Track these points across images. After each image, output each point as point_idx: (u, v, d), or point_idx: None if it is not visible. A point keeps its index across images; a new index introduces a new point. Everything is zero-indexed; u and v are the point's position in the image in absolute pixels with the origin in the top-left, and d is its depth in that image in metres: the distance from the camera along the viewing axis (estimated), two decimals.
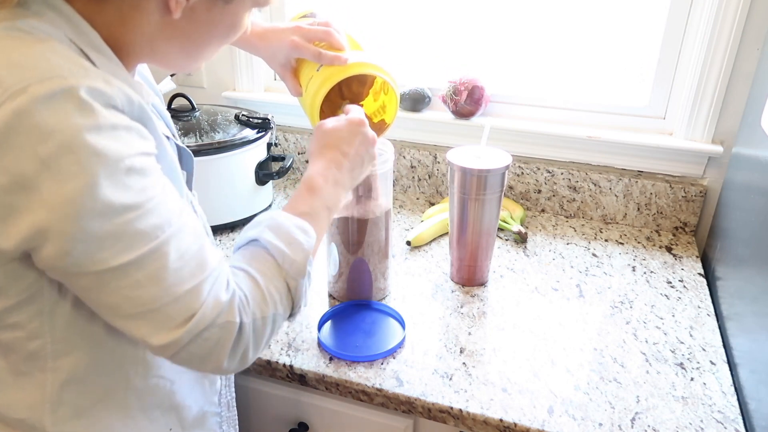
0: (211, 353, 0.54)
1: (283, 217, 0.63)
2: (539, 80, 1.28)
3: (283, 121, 1.41)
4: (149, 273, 0.49)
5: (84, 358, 0.57)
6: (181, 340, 0.52)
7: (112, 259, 0.48)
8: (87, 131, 0.45)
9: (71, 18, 0.51)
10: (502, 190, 0.95)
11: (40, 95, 0.44)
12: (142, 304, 0.50)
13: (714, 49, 1.07)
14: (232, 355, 0.56)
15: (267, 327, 0.59)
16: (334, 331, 0.90)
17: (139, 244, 0.48)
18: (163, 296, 0.50)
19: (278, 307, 0.59)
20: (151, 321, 0.51)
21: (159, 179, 0.51)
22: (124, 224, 0.47)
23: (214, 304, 0.53)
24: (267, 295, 0.58)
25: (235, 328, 0.55)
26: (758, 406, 0.73)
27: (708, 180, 1.19)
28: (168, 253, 0.50)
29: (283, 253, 0.60)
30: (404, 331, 0.89)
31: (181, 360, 0.54)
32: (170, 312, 0.51)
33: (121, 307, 0.50)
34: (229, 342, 0.54)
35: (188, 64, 0.62)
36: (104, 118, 0.46)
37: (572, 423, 0.74)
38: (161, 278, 0.50)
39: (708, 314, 0.96)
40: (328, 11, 1.22)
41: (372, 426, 0.86)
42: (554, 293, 1.01)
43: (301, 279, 0.62)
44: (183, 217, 0.53)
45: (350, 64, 0.78)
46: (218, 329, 0.53)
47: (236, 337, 0.55)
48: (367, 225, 0.90)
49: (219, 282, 0.54)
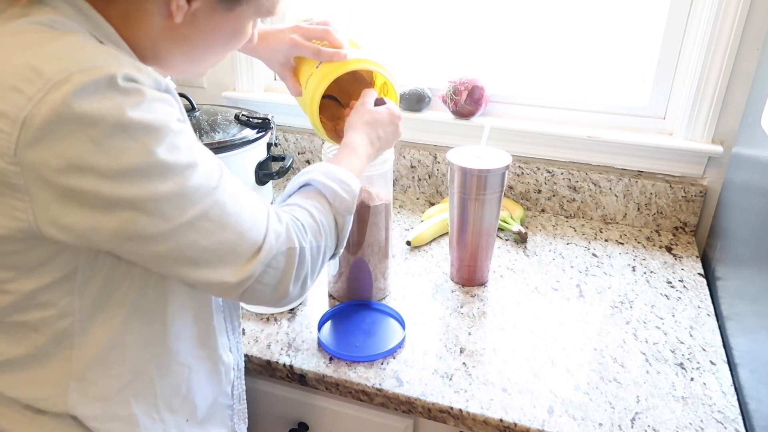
0: (280, 281, 0.60)
1: (331, 166, 0.70)
2: (539, 80, 1.28)
3: (283, 121, 1.41)
4: (216, 220, 0.54)
5: (109, 337, 0.58)
6: (254, 272, 0.57)
7: (182, 215, 0.52)
8: (131, 109, 0.48)
9: (88, 13, 0.53)
10: (502, 190, 0.95)
11: (84, 83, 0.46)
12: (216, 250, 0.54)
13: (714, 49, 1.07)
14: (296, 281, 0.61)
15: (320, 256, 0.65)
16: (334, 331, 0.90)
17: (200, 197, 0.53)
18: (232, 237, 0.55)
19: (328, 239, 0.66)
20: (226, 262, 0.55)
21: (193, 137, 0.55)
22: (184, 180, 0.51)
23: (275, 234, 0.58)
24: (320, 227, 0.64)
25: (296, 254, 0.60)
26: (758, 406, 0.73)
27: (708, 180, 1.19)
28: (225, 199, 0.55)
29: (334, 192, 0.67)
30: (404, 331, 0.89)
31: (254, 293, 0.59)
32: (241, 250, 0.56)
33: (198, 258, 0.54)
34: (293, 267, 0.60)
35: (190, 69, 0.64)
36: (142, 95, 0.49)
37: (572, 423, 0.74)
38: (226, 222, 0.54)
39: (708, 314, 0.96)
40: (328, 12, 1.22)
41: (372, 426, 0.86)
42: (554, 293, 1.01)
43: (348, 216, 0.68)
44: (222, 167, 0.57)
45: (350, 60, 0.78)
46: (283, 256, 0.59)
47: (299, 261, 0.60)
48: (367, 225, 0.90)
49: (271, 215, 0.60)
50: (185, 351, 0.65)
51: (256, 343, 0.87)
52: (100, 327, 0.57)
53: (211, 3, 0.56)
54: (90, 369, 0.58)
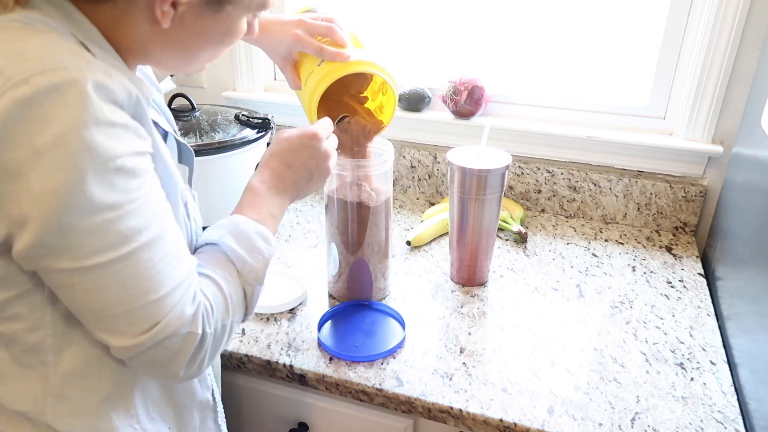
0: (170, 361, 0.55)
1: (244, 224, 0.64)
2: (539, 80, 1.28)
3: (283, 121, 1.41)
4: (120, 277, 0.50)
5: (84, 352, 0.57)
6: (141, 346, 0.52)
7: (86, 259, 0.48)
8: (84, 126, 0.45)
9: (70, 13, 0.51)
10: (502, 190, 0.95)
11: (43, 86, 0.44)
12: (109, 308, 0.51)
13: (714, 49, 1.07)
14: (190, 364, 0.56)
15: (225, 335, 0.60)
16: (334, 331, 0.90)
17: (115, 246, 0.49)
18: (130, 302, 0.51)
19: (236, 314, 0.60)
20: (115, 325, 0.51)
21: (148, 181, 0.51)
22: (104, 223, 0.48)
23: (179, 315, 0.53)
24: (229, 302, 0.59)
25: (197, 339, 0.55)
26: (758, 406, 0.73)
27: (708, 180, 1.19)
28: (142, 259, 0.50)
29: (243, 260, 0.61)
30: (404, 331, 0.89)
31: (139, 363, 0.54)
32: (136, 319, 0.51)
33: (89, 308, 0.51)
34: (189, 351, 0.55)
35: (184, 68, 0.62)
36: (103, 113, 0.47)
37: (572, 423, 0.74)
38: (130, 285, 0.50)
39: (708, 314, 0.96)
40: (330, 9, 1.22)
41: (372, 426, 0.86)
42: (554, 293, 1.01)
43: (258, 286, 0.63)
44: (164, 222, 0.53)
45: (351, 62, 0.78)
46: (180, 339, 0.54)
47: (197, 347, 0.55)
48: (367, 225, 0.90)
49: (187, 294, 0.54)
50: None
51: (256, 343, 0.87)
52: (74, 344, 0.57)
53: (197, 6, 0.55)
54: (67, 385, 0.57)
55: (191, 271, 0.56)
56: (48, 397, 0.57)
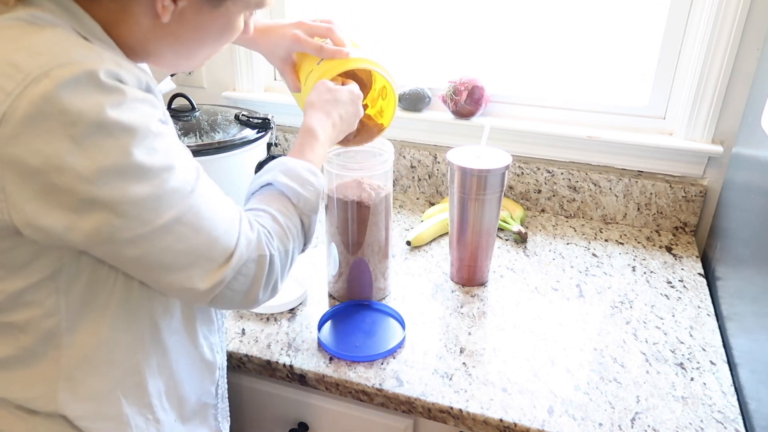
0: (251, 287, 0.60)
1: (293, 162, 0.68)
2: (539, 80, 1.28)
3: (283, 121, 1.41)
4: (190, 225, 0.54)
5: (97, 336, 0.58)
6: (225, 278, 0.57)
7: (158, 218, 0.51)
8: (111, 108, 0.48)
9: (72, 10, 0.52)
10: (502, 190, 0.95)
11: (64, 79, 0.46)
12: (189, 254, 0.54)
13: (714, 49, 1.07)
14: (266, 287, 0.61)
15: (288, 259, 0.65)
16: (334, 331, 0.90)
17: (177, 200, 0.53)
18: (205, 242, 0.55)
19: (296, 240, 0.66)
20: (198, 267, 0.55)
21: (174, 139, 0.55)
22: (161, 184, 0.51)
23: (246, 241, 0.58)
24: (287, 231, 0.64)
25: (267, 261, 0.60)
26: (758, 406, 0.73)
27: (708, 180, 1.19)
28: (200, 203, 0.55)
29: (298, 193, 0.66)
30: (404, 331, 0.89)
31: (223, 299, 0.58)
32: (213, 255, 0.56)
33: (171, 262, 0.54)
34: (263, 274, 0.60)
35: (183, 64, 0.64)
36: (123, 94, 0.49)
37: (572, 423, 0.74)
38: (200, 227, 0.54)
39: (708, 314, 0.96)
40: (329, 11, 1.22)
41: (372, 426, 0.86)
42: (554, 293, 1.01)
43: (314, 215, 0.68)
44: (198, 167, 0.57)
45: (351, 58, 0.78)
46: (253, 263, 0.59)
47: (269, 269, 0.61)
48: (367, 225, 0.90)
49: (243, 222, 0.59)
50: (174, 349, 0.65)
51: (256, 343, 0.87)
52: (87, 326, 0.57)
53: (197, 1, 0.56)
54: (79, 368, 0.58)
55: (235, 205, 0.61)
56: (60, 381, 0.58)
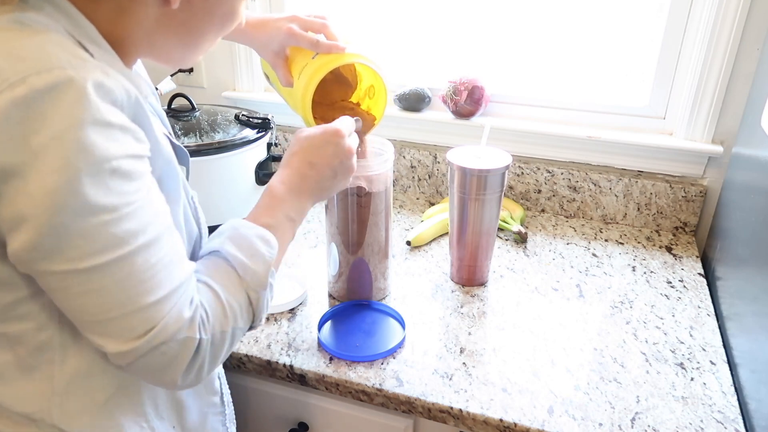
0: (167, 367, 0.54)
1: (245, 228, 0.62)
2: (539, 80, 1.28)
3: (283, 121, 1.41)
4: (116, 280, 0.49)
5: (90, 350, 0.57)
6: (138, 351, 0.51)
7: (80, 261, 0.48)
8: (81, 125, 0.45)
9: (68, 11, 0.51)
10: (502, 190, 0.95)
11: (39, 87, 0.44)
12: (104, 312, 0.50)
13: (714, 49, 1.07)
14: (188, 371, 0.55)
15: (226, 342, 0.58)
16: (334, 331, 0.90)
17: (110, 249, 0.48)
18: (126, 305, 0.50)
19: (238, 320, 0.59)
20: (110, 329, 0.51)
21: (145, 184, 0.51)
22: (99, 225, 0.47)
23: (176, 319, 0.52)
24: (228, 309, 0.58)
25: (194, 345, 0.54)
26: (758, 406, 0.73)
27: (708, 180, 1.19)
28: (137, 262, 0.50)
29: (245, 265, 0.60)
30: (404, 331, 0.89)
31: (136, 370, 0.54)
32: (132, 322, 0.51)
33: (83, 311, 0.50)
34: (186, 358, 0.54)
35: (187, 56, 0.61)
36: (101, 113, 0.46)
37: (572, 423, 0.74)
38: (126, 287, 0.50)
39: (708, 314, 0.96)
40: (328, 8, 1.22)
41: (372, 426, 0.86)
42: (554, 293, 1.01)
43: (262, 291, 0.61)
44: (161, 225, 0.53)
45: (346, 53, 0.77)
46: (177, 344, 0.53)
47: (194, 353, 0.55)
48: (367, 225, 0.90)
49: (184, 297, 0.54)
50: None
51: (256, 343, 0.87)
52: (80, 341, 0.56)
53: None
54: (72, 383, 0.57)
55: (189, 275, 0.55)
56: (55, 397, 0.57)
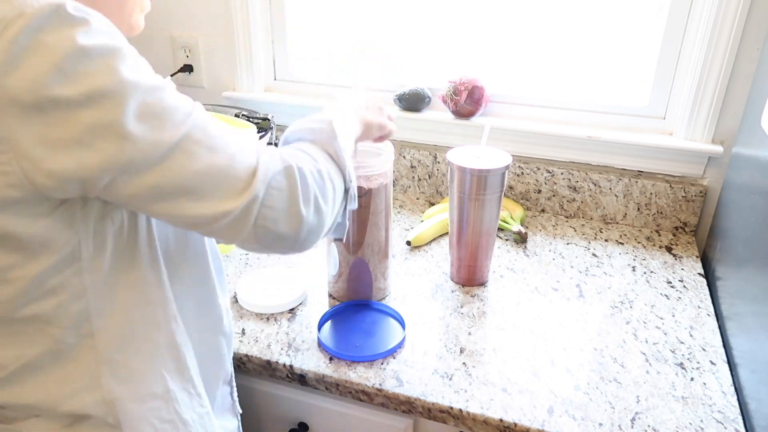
0: (289, 201, 0.56)
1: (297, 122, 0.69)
2: (539, 80, 1.28)
3: (283, 121, 1.41)
4: (201, 142, 0.52)
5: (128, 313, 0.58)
6: (257, 194, 0.54)
7: (164, 136, 0.50)
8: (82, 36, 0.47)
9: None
10: (502, 190, 0.95)
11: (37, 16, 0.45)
12: (210, 174, 0.52)
13: (714, 49, 1.07)
14: (306, 201, 0.58)
15: (326, 180, 0.61)
16: (334, 331, 0.90)
17: (179, 119, 0.51)
18: (223, 159, 0.53)
19: (329, 166, 0.63)
20: (223, 188, 0.53)
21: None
22: (157, 101, 0.50)
23: (267, 156, 0.56)
24: (311, 156, 0.62)
25: (296, 172, 0.57)
26: (758, 406, 0.73)
27: (708, 180, 1.19)
28: (205, 122, 0.53)
29: (310, 130, 0.66)
30: (404, 331, 0.89)
31: (266, 223, 0.55)
32: (236, 172, 0.54)
33: (193, 186, 0.52)
34: (296, 185, 0.57)
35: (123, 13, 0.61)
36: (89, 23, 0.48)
37: (572, 423, 0.74)
38: (213, 145, 0.53)
39: (708, 314, 0.96)
40: (329, 10, 1.22)
41: (372, 426, 0.86)
42: (554, 293, 1.01)
43: (334, 141, 0.65)
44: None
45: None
46: (282, 176, 0.56)
47: (300, 179, 0.58)
48: (367, 225, 0.90)
49: (259, 145, 0.58)
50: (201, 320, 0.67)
51: (256, 343, 0.87)
52: (116, 305, 0.57)
53: None
54: (117, 350, 0.58)
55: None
56: (101, 366, 0.57)
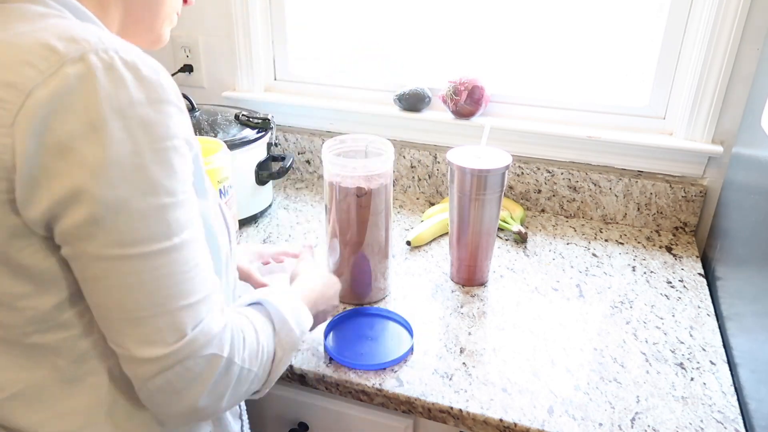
0: (190, 385, 0.51)
1: (292, 294, 0.67)
2: (539, 80, 1.28)
3: (283, 121, 1.41)
4: (157, 276, 0.48)
5: None
6: (166, 360, 0.49)
7: (131, 246, 0.47)
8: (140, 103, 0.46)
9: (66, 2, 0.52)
10: (502, 190, 0.95)
11: (100, 65, 0.45)
12: (139, 309, 0.49)
13: (714, 49, 1.07)
14: (211, 394, 0.52)
15: (246, 383, 0.56)
16: (341, 338, 0.88)
17: (160, 237, 0.48)
18: (161, 304, 0.49)
19: (260, 370, 0.58)
20: (140, 330, 0.49)
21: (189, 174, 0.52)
22: (158, 208, 0.48)
23: (207, 330, 0.51)
24: (260, 351, 0.57)
25: (221, 364, 0.52)
26: (758, 406, 0.73)
27: (708, 180, 1.19)
28: (179, 259, 0.49)
29: (284, 321, 0.61)
30: (412, 340, 0.87)
31: (157, 387, 0.50)
32: (164, 325, 0.49)
33: (117, 307, 0.49)
34: (211, 377, 0.52)
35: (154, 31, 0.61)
36: (158, 93, 0.47)
37: (572, 423, 0.74)
38: (165, 284, 0.49)
39: (708, 314, 0.96)
40: (330, 11, 1.22)
41: (372, 426, 0.86)
42: (554, 293, 1.01)
43: (289, 353, 0.62)
44: (199, 225, 0.53)
45: None
46: (203, 360, 0.51)
47: (220, 373, 0.52)
48: (367, 225, 0.90)
49: (215, 309, 0.53)
50: None
51: None
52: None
53: None
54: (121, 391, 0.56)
55: (217, 287, 0.54)
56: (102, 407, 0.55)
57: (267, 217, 1.25)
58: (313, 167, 1.43)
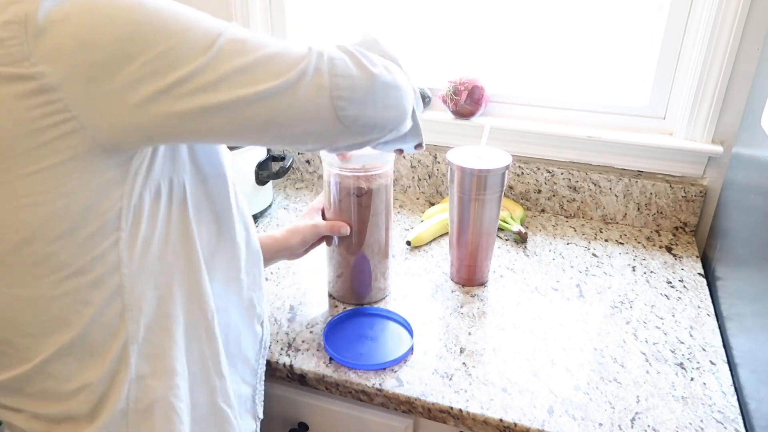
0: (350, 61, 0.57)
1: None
2: (539, 80, 1.28)
3: None
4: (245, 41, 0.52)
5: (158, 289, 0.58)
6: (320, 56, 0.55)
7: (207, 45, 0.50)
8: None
9: None
10: (502, 190, 0.95)
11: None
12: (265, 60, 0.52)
13: (714, 49, 1.07)
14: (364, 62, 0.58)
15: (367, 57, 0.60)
16: (341, 338, 0.88)
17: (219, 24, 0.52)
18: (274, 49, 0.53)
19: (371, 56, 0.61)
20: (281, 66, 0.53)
21: None
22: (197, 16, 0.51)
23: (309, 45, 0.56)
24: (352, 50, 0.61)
25: (344, 47, 0.58)
26: (758, 406, 0.73)
27: (708, 180, 1.19)
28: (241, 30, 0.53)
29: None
30: (412, 340, 0.87)
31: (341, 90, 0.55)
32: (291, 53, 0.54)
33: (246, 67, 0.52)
34: (351, 52, 0.57)
35: None
36: None
37: (572, 423, 0.74)
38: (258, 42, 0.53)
39: (708, 314, 0.96)
40: (330, 10, 1.22)
41: (372, 426, 0.86)
42: (554, 293, 1.01)
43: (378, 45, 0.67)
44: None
45: None
46: (335, 49, 0.57)
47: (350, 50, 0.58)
48: (368, 225, 0.90)
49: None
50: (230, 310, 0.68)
51: None
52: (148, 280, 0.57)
53: None
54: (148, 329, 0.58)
55: None
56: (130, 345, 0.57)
57: (267, 217, 1.25)
58: (313, 167, 1.43)
